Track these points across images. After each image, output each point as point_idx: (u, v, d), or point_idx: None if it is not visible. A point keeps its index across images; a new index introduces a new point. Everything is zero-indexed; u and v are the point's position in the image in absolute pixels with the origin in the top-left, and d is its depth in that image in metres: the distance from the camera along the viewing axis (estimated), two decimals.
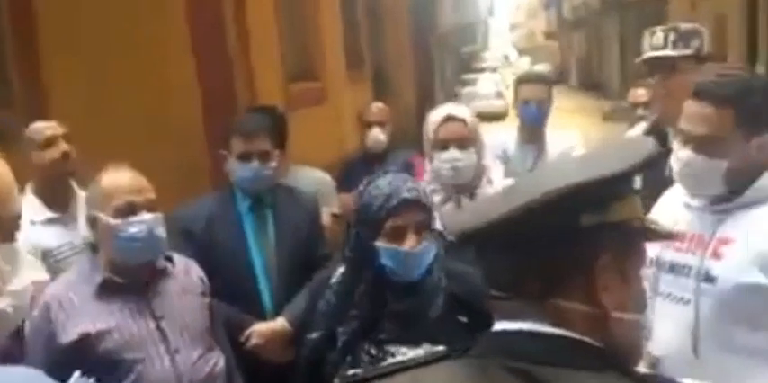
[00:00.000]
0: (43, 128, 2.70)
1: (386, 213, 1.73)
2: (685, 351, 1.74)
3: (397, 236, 1.74)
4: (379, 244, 1.75)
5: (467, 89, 23.06)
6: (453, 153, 2.41)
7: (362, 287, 1.81)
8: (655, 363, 1.77)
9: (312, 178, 3.36)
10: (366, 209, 1.76)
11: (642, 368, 1.29)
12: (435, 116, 2.51)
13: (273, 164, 2.60)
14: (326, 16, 6.86)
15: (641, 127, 2.63)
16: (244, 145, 2.55)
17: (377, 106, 4.07)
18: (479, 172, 2.43)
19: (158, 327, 2.03)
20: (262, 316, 2.54)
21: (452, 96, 20.01)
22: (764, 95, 1.72)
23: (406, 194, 1.73)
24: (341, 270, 1.89)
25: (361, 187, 1.83)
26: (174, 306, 2.08)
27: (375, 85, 9.39)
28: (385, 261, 1.75)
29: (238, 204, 2.61)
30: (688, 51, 2.36)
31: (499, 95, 22.02)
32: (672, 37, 2.37)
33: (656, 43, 2.40)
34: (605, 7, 23.46)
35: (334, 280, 1.89)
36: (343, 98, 6.94)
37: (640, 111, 4.89)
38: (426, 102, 12.05)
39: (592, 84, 28.85)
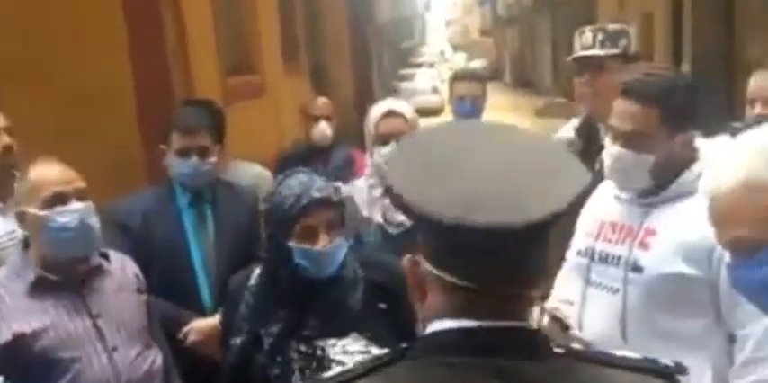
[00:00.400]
0: None
1: (296, 213, 1.76)
2: (614, 336, 1.82)
3: (309, 235, 1.77)
4: (292, 244, 1.77)
5: (405, 84, 23.17)
6: (394, 148, 2.45)
7: (280, 286, 1.83)
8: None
9: (251, 173, 3.35)
10: (277, 209, 1.79)
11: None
12: (376, 111, 2.55)
13: (213, 159, 2.59)
14: (263, 9, 6.79)
15: (573, 123, 2.71)
16: (183, 140, 2.54)
17: (322, 100, 4.07)
18: None
19: (95, 325, 2.00)
20: (201, 312, 2.53)
21: (391, 91, 20.08)
22: (688, 94, 1.81)
23: (315, 194, 1.75)
24: (257, 271, 1.91)
25: (272, 188, 1.85)
26: (110, 303, 2.05)
27: (313, 79, 9.35)
28: (298, 260, 1.78)
29: (178, 199, 2.59)
30: (615, 51, 2.45)
31: (435, 91, 22.20)
32: (600, 37, 2.47)
33: (585, 43, 2.49)
34: (538, 5, 23.89)
35: (252, 282, 1.90)
36: (282, 91, 6.90)
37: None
38: (365, 96, 12.07)
39: (525, 82, 29.34)
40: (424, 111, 13.41)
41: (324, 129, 3.85)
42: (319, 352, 1.72)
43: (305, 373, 1.72)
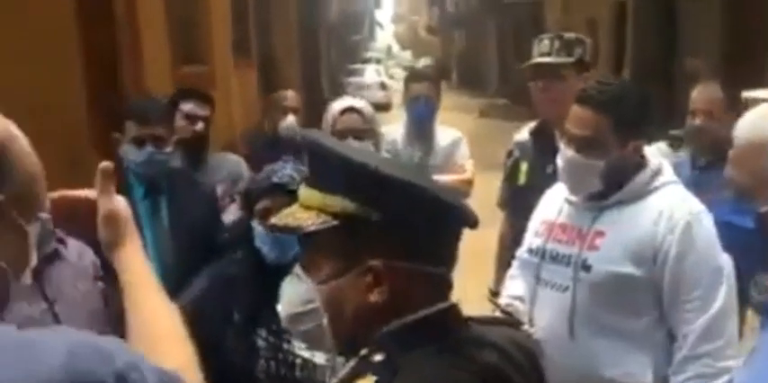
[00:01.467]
0: None
1: (255, 194, 1.83)
2: (563, 334, 1.90)
3: (266, 218, 1.78)
4: (254, 224, 1.83)
5: (353, 79, 23.17)
6: (351, 144, 2.50)
7: (245, 270, 1.86)
8: None
9: (233, 161, 3.44)
10: (247, 191, 1.89)
11: None
12: (336, 107, 2.60)
13: (169, 148, 2.59)
14: (215, 1, 6.75)
15: (528, 127, 2.78)
16: (138, 129, 2.52)
17: (292, 93, 4.06)
18: None
19: (51, 310, 1.98)
20: None
21: (338, 86, 20.00)
22: (639, 103, 1.91)
23: (274, 179, 1.81)
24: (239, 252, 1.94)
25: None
26: (66, 289, 2.03)
27: (262, 74, 9.30)
28: (257, 243, 1.82)
29: (133, 191, 2.57)
30: (570, 59, 2.54)
31: (383, 86, 22.27)
32: (557, 45, 2.54)
33: (542, 50, 2.56)
34: (484, 7, 24.15)
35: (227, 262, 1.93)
36: (232, 84, 6.86)
37: None
38: (314, 91, 12.04)
39: (470, 82, 29.61)
40: (373, 107, 13.44)
41: (292, 122, 3.86)
42: (285, 345, 1.74)
43: (269, 364, 1.74)
